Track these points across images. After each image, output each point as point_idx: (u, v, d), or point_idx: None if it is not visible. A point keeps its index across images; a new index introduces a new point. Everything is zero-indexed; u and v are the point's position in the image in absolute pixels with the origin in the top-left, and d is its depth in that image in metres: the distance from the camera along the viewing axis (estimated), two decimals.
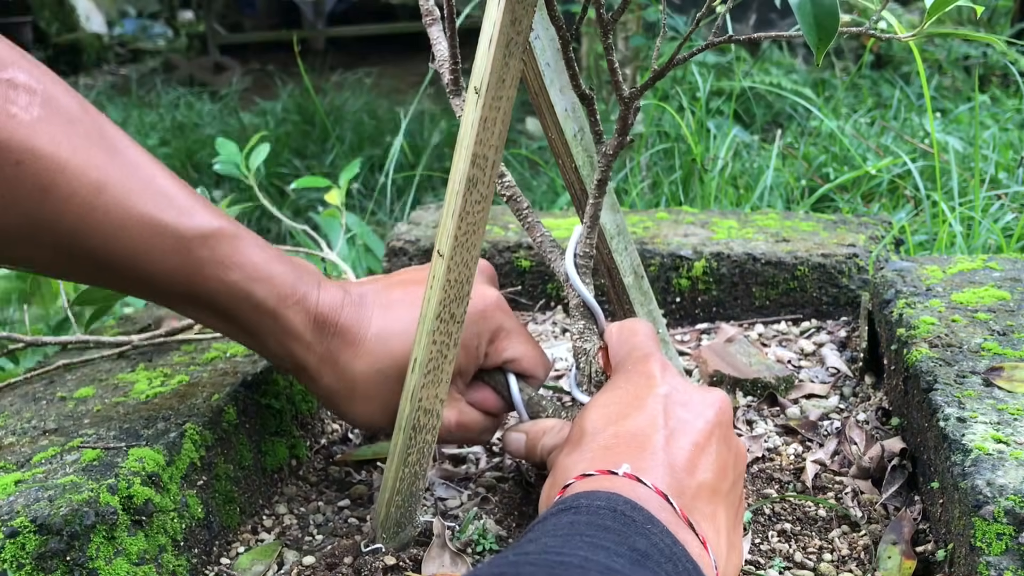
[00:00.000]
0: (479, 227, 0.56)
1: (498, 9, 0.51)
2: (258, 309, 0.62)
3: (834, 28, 0.48)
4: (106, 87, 4.23)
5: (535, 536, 0.44)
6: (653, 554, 0.43)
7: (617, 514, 0.45)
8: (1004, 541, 0.52)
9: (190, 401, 0.70)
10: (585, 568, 0.38)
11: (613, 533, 0.43)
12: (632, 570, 0.40)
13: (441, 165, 2.60)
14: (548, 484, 0.57)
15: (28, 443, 0.65)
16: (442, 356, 0.59)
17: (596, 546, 0.41)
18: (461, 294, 0.58)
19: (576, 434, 0.57)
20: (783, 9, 3.24)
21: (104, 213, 0.56)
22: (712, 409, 0.56)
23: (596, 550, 0.41)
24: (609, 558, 0.40)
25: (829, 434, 0.79)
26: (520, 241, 1.10)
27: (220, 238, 0.60)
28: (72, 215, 0.55)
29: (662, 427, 0.54)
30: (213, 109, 3.34)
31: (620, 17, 0.56)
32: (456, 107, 0.64)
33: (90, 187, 0.56)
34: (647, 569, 0.41)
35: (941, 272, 0.88)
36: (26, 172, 0.54)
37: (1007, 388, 0.65)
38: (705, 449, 0.54)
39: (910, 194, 1.67)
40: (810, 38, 0.49)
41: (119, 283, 0.62)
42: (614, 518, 0.45)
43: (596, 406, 0.58)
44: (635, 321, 0.66)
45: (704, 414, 0.56)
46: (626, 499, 0.47)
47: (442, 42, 0.65)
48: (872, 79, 2.80)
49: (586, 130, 0.69)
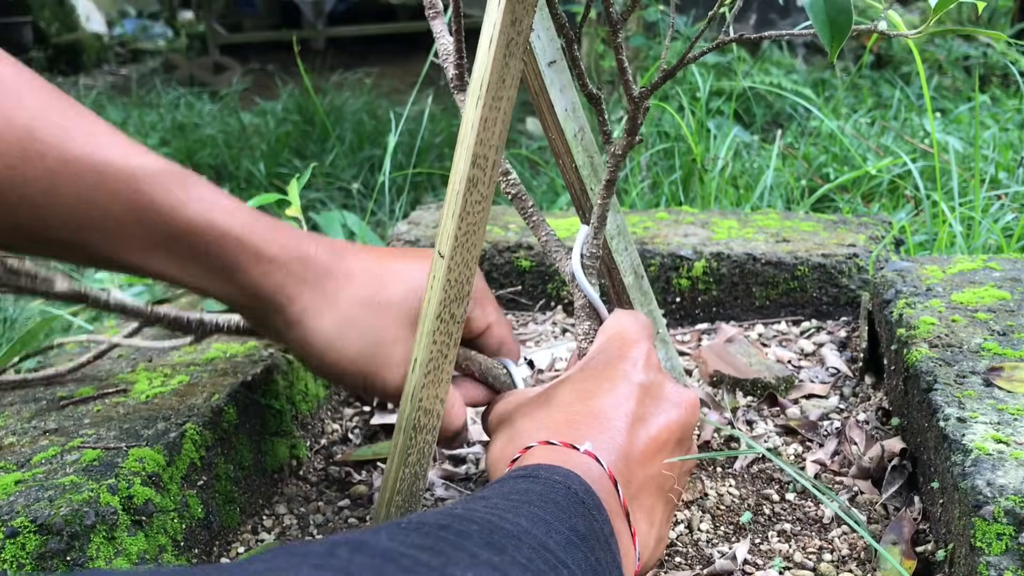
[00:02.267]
0: (479, 227, 0.56)
1: (498, 9, 0.51)
2: (224, 238, 0.57)
3: (848, 25, 0.48)
4: (106, 87, 4.23)
5: (489, 495, 0.46)
6: (590, 538, 0.44)
7: (570, 493, 0.47)
8: (1004, 541, 0.52)
9: (190, 401, 0.70)
10: (520, 540, 0.40)
11: (560, 510, 0.45)
12: (565, 551, 0.41)
13: (441, 165, 2.61)
14: (504, 439, 0.59)
15: (28, 443, 0.65)
16: (442, 356, 0.59)
17: (539, 519, 0.43)
18: (461, 294, 0.58)
19: (541, 400, 0.59)
20: (783, 9, 3.25)
21: (40, 158, 0.52)
22: (680, 409, 0.58)
23: (538, 523, 0.42)
24: (548, 534, 0.42)
25: (829, 434, 0.79)
26: (520, 241, 1.10)
27: (170, 175, 0.56)
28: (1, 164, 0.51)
29: (628, 414, 0.55)
30: (213, 109, 3.34)
31: (629, 16, 0.56)
32: (460, 103, 0.64)
33: (21, 130, 0.52)
34: (580, 552, 0.43)
35: (941, 272, 0.88)
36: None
37: (1007, 388, 0.65)
38: (663, 446, 0.56)
39: (910, 194, 1.68)
40: (823, 35, 0.48)
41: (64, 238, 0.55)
42: (566, 496, 0.47)
43: (569, 381, 0.59)
44: (631, 312, 0.66)
45: (671, 412, 0.57)
46: (582, 480, 0.49)
47: (445, 36, 0.65)
48: (872, 79, 2.80)
49: (586, 130, 0.69)
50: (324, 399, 0.88)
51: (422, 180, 2.53)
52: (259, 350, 0.81)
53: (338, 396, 0.91)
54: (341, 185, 2.57)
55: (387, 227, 1.91)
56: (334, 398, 0.90)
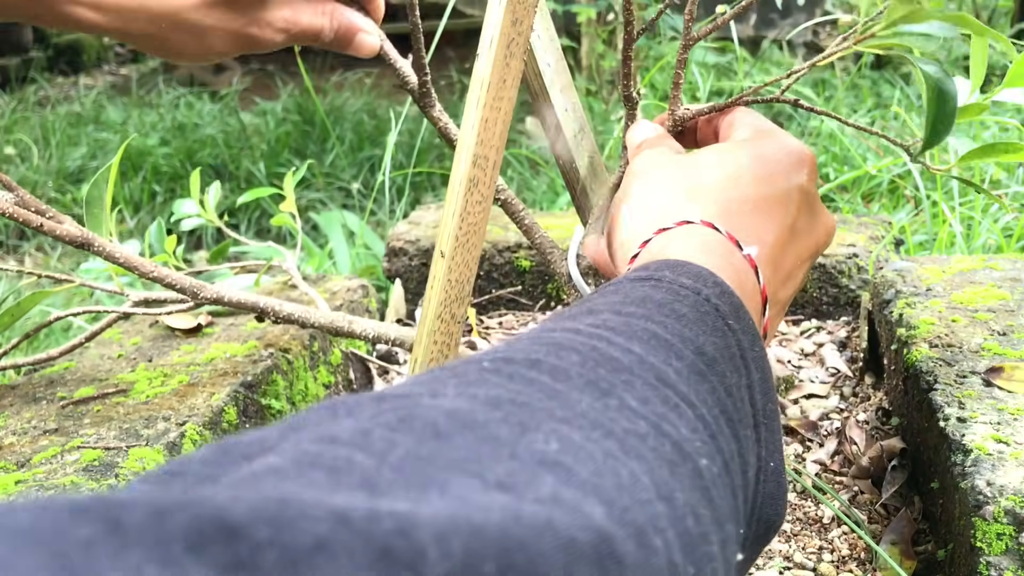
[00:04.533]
0: (480, 227, 0.56)
1: (499, 9, 0.51)
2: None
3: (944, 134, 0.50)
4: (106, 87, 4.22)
5: (598, 305, 0.37)
6: (720, 362, 0.36)
7: (699, 301, 0.38)
8: (1004, 541, 0.52)
9: (190, 401, 0.70)
10: (632, 373, 0.32)
11: (685, 325, 0.36)
12: (688, 383, 0.33)
13: (441, 165, 2.61)
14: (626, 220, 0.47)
15: (28, 443, 0.65)
16: (443, 356, 0.59)
17: (659, 341, 0.34)
18: (462, 294, 0.58)
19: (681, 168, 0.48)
20: (783, 9, 3.25)
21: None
22: (827, 231, 0.50)
23: (657, 347, 0.34)
24: (668, 361, 0.34)
25: (829, 434, 0.79)
26: (520, 241, 1.10)
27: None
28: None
29: (791, 224, 0.47)
30: (213, 109, 3.34)
31: (645, 33, 0.56)
32: (435, 119, 0.64)
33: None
34: (707, 383, 0.34)
35: (941, 272, 0.88)
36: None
37: (1007, 388, 0.65)
38: (803, 267, 0.49)
39: (910, 194, 1.68)
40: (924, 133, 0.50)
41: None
42: (695, 306, 0.37)
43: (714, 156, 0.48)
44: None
45: (819, 232, 0.50)
46: (718, 282, 0.39)
47: (399, 60, 0.65)
48: (872, 79, 2.80)
49: (586, 130, 0.69)
50: (324, 399, 0.88)
51: (422, 180, 2.53)
52: (259, 350, 0.81)
53: (338, 396, 0.91)
54: (341, 185, 2.57)
55: (387, 227, 1.91)
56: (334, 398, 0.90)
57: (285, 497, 0.19)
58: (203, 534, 0.17)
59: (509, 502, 0.22)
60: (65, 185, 2.79)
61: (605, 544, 0.23)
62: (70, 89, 4.09)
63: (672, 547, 0.26)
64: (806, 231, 0.48)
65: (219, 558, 0.17)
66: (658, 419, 0.30)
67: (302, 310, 0.68)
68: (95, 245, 0.62)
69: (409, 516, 0.20)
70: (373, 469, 0.22)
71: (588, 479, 0.25)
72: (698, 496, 0.29)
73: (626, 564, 0.23)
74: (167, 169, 2.77)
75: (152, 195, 2.68)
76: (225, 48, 0.57)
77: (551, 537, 0.21)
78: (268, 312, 0.67)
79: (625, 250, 0.46)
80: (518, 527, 0.21)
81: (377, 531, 0.19)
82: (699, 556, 0.28)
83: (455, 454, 0.24)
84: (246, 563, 0.17)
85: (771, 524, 0.38)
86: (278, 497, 0.19)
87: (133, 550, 0.16)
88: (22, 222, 0.59)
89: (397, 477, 0.22)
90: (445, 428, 0.25)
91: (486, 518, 0.21)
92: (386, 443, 0.23)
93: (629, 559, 0.24)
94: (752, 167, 0.47)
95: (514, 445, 0.25)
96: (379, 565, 0.18)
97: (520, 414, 0.27)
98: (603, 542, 0.23)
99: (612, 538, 0.23)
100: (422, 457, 0.23)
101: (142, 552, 0.16)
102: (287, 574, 0.17)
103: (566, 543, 0.22)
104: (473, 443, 0.25)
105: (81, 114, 3.45)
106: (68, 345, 0.79)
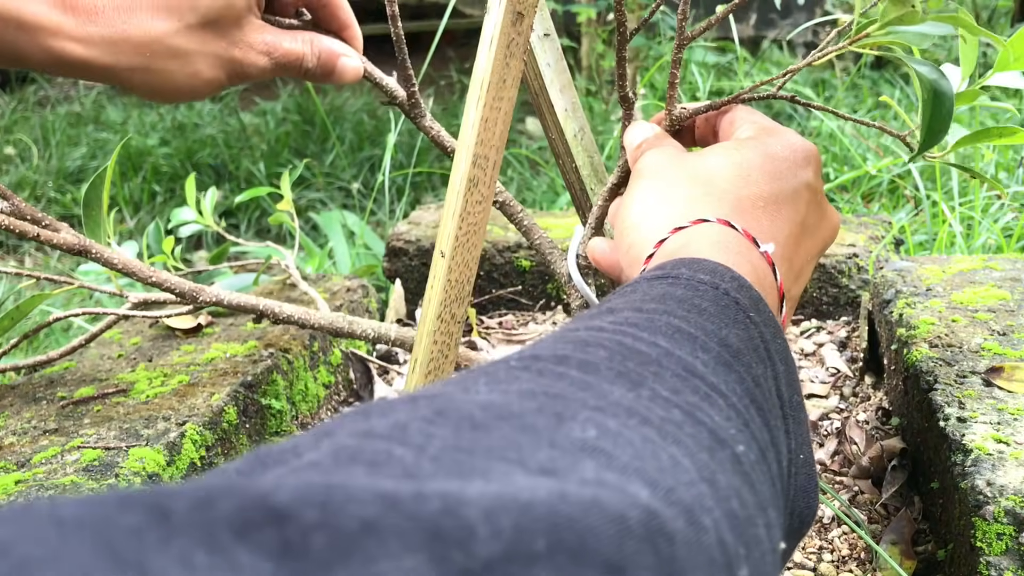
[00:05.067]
0: (480, 227, 0.56)
1: (499, 9, 0.51)
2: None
3: (941, 135, 0.50)
4: (106, 87, 4.23)
5: (617, 304, 0.37)
6: (745, 353, 0.35)
7: (719, 295, 0.38)
8: (1004, 541, 0.52)
9: (190, 401, 0.70)
10: (661, 365, 0.31)
11: (708, 320, 0.36)
12: (716, 373, 0.33)
13: (441, 165, 2.61)
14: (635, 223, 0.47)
15: (28, 443, 0.65)
16: (443, 356, 0.59)
17: (683, 334, 0.34)
18: (462, 294, 0.58)
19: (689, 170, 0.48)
20: (783, 9, 3.25)
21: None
22: (833, 226, 0.50)
23: (681, 341, 0.34)
24: (694, 353, 0.33)
25: (829, 434, 0.79)
26: (520, 241, 1.10)
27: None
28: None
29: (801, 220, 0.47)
30: (213, 109, 3.34)
31: (639, 33, 0.56)
32: (426, 128, 0.64)
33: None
34: (734, 373, 0.34)
35: (941, 272, 0.88)
36: None
37: (1007, 388, 0.65)
38: (812, 263, 0.49)
39: (910, 194, 1.68)
40: (921, 134, 0.50)
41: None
42: (715, 300, 0.37)
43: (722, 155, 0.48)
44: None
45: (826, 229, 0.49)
46: (735, 277, 0.39)
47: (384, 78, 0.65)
48: (872, 79, 2.80)
49: (586, 130, 0.69)
50: (324, 399, 0.88)
51: (422, 180, 2.53)
52: (259, 350, 0.81)
53: (338, 396, 0.91)
54: (341, 185, 2.57)
55: (387, 227, 1.91)
56: (334, 398, 0.90)
57: (331, 482, 0.19)
58: (250, 520, 0.17)
59: (554, 484, 0.22)
60: (65, 185, 2.79)
61: (654, 521, 0.22)
62: (70, 89, 4.09)
63: (721, 526, 0.26)
64: (815, 227, 0.48)
65: (268, 542, 0.17)
66: (691, 408, 0.30)
67: (302, 311, 0.68)
68: (93, 252, 0.62)
69: (456, 495, 0.19)
70: (412, 461, 0.22)
71: (629, 463, 0.25)
72: (739, 480, 0.29)
73: (677, 541, 0.23)
74: (167, 169, 2.77)
75: (152, 195, 2.68)
76: (212, 73, 0.58)
77: (599, 514, 0.21)
78: (268, 314, 0.67)
79: (638, 250, 0.46)
80: (565, 505, 0.21)
81: (425, 511, 0.19)
82: (748, 538, 0.27)
83: (494, 444, 0.24)
84: (295, 546, 0.17)
85: (805, 518, 0.37)
86: (323, 482, 0.19)
87: (180, 537, 0.16)
88: (18, 233, 0.59)
89: (438, 467, 0.22)
90: (482, 420, 0.25)
91: (532, 496, 0.20)
92: (424, 436, 0.23)
93: (680, 536, 0.23)
94: (761, 165, 0.47)
95: (552, 434, 0.25)
96: (429, 545, 0.18)
97: (555, 405, 0.27)
98: (652, 519, 0.22)
99: (660, 515, 0.23)
100: (461, 448, 0.23)
101: (190, 539, 0.16)
102: (337, 557, 0.17)
103: (615, 519, 0.21)
104: (511, 433, 0.24)
105: (81, 114, 3.45)
106: (68, 347, 0.79)
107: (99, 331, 0.80)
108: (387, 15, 0.61)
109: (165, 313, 0.80)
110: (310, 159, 2.42)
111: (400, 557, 0.17)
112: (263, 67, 0.59)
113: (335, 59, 0.62)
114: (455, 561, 0.18)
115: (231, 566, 0.16)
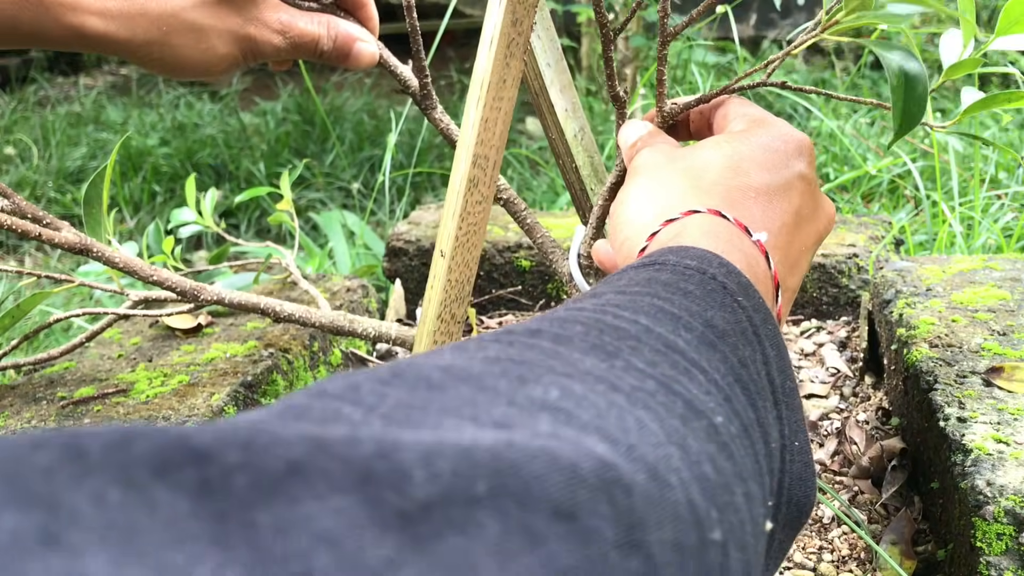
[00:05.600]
0: (480, 227, 0.56)
1: (499, 10, 0.51)
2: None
3: (918, 118, 0.48)
4: (106, 87, 4.22)
5: (602, 290, 0.37)
6: (731, 335, 0.35)
7: (706, 279, 0.37)
8: (1004, 541, 0.52)
9: (190, 401, 0.70)
10: (640, 340, 0.31)
11: (693, 300, 0.35)
12: (698, 351, 0.32)
13: (441, 165, 2.61)
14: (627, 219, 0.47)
15: None
16: None
17: (664, 314, 0.33)
18: (462, 294, 0.58)
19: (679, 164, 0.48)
20: (783, 9, 3.25)
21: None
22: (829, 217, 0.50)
23: (662, 319, 0.33)
24: (676, 331, 0.32)
25: (829, 434, 0.79)
26: (520, 241, 1.10)
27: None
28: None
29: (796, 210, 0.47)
30: (213, 109, 3.34)
31: (626, 26, 0.56)
32: (437, 121, 0.64)
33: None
34: (718, 352, 0.33)
35: (941, 272, 0.88)
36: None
37: (1007, 388, 0.65)
38: (809, 253, 0.49)
39: (910, 194, 1.68)
40: (895, 121, 0.49)
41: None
42: (701, 283, 0.37)
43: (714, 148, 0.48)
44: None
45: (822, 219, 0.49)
46: (723, 263, 0.39)
47: (400, 65, 0.65)
48: (872, 79, 2.80)
49: (586, 130, 0.69)
50: None
51: (422, 180, 2.53)
52: (259, 350, 0.81)
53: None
54: (341, 185, 2.57)
55: (387, 227, 1.91)
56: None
57: (256, 425, 0.19)
58: (169, 459, 0.17)
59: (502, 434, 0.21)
60: (65, 185, 2.79)
61: (610, 472, 0.22)
62: (70, 89, 4.09)
63: (690, 487, 0.25)
64: (810, 217, 0.48)
65: (186, 481, 0.16)
66: (667, 380, 0.29)
67: (303, 310, 0.68)
68: (94, 251, 0.62)
69: (392, 441, 0.19)
70: (360, 418, 0.21)
71: (590, 421, 0.24)
72: (715, 448, 0.28)
73: (635, 493, 0.22)
74: (167, 169, 2.77)
75: (152, 195, 2.68)
76: (226, 49, 0.58)
77: (548, 461, 0.20)
78: (269, 312, 0.67)
79: (631, 244, 0.46)
80: (511, 451, 0.20)
81: (356, 454, 0.18)
82: (722, 503, 0.26)
83: (449, 403, 0.23)
84: (215, 486, 0.16)
85: (803, 507, 0.37)
86: (248, 425, 0.19)
87: (95, 476, 0.16)
88: (19, 232, 0.59)
89: (387, 423, 0.21)
90: (439, 380, 0.24)
91: (475, 442, 0.20)
92: (376, 396, 0.22)
93: (639, 488, 0.22)
94: (753, 156, 0.47)
95: (512, 394, 0.24)
96: (361, 487, 0.18)
97: (519, 369, 0.26)
98: (607, 470, 0.22)
99: (618, 467, 0.22)
100: (414, 406, 0.22)
101: (104, 477, 0.16)
102: (259, 497, 0.17)
103: (566, 468, 0.21)
104: (468, 392, 0.24)
105: (81, 114, 3.45)
106: (68, 345, 0.79)
107: (100, 329, 0.80)
108: (394, 13, 0.61)
109: (165, 313, 0.80)
110: (310, 159, 2.42)
111: (327, 498, 0.17)
112: (277, 46, 0.59)
113: (351, 43, 0.61)
114: (389, 503, 0.17)
115: (146, 504, 0.16)
